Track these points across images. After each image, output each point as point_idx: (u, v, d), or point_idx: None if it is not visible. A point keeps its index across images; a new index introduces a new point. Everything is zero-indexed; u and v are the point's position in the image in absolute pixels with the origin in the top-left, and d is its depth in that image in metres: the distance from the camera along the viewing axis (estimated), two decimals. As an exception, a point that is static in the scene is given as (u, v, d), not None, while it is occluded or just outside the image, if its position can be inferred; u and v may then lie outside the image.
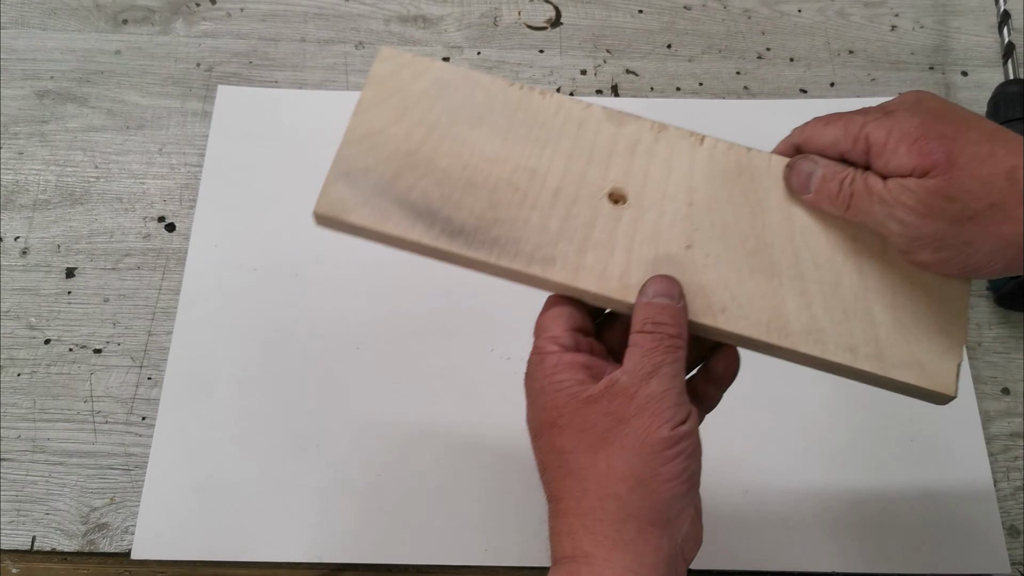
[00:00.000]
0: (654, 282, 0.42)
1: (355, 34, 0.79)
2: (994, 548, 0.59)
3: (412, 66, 0.48)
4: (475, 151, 0.46)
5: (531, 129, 0.47)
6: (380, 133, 0.46)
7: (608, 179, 0.46)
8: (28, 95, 0.74)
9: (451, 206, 0.44)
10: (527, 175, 0.45)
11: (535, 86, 0.48)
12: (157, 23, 0.78)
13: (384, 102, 0.47)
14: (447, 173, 0.45)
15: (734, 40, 0.80)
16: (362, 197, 0.44)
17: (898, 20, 0.81)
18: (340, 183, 0.44)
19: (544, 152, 0.46)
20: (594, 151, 0.46)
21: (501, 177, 0.45)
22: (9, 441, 0.61)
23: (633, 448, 0.39)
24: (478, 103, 0.47)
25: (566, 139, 0.47)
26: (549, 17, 0.80)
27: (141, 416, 0.62)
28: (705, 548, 0.58)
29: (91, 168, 0.71)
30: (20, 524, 0.58)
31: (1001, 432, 0.63)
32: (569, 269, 0.43)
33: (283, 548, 0.57)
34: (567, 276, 0.43)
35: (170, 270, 0.67)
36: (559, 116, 0.47)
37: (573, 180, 0.45)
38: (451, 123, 0.47)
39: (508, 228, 0.44)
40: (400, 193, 0.44)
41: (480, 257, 0.43)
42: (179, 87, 0.75)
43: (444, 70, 0.48)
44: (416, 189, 0.44)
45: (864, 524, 0.59)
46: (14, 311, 0.65)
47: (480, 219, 0.44)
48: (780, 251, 0.45)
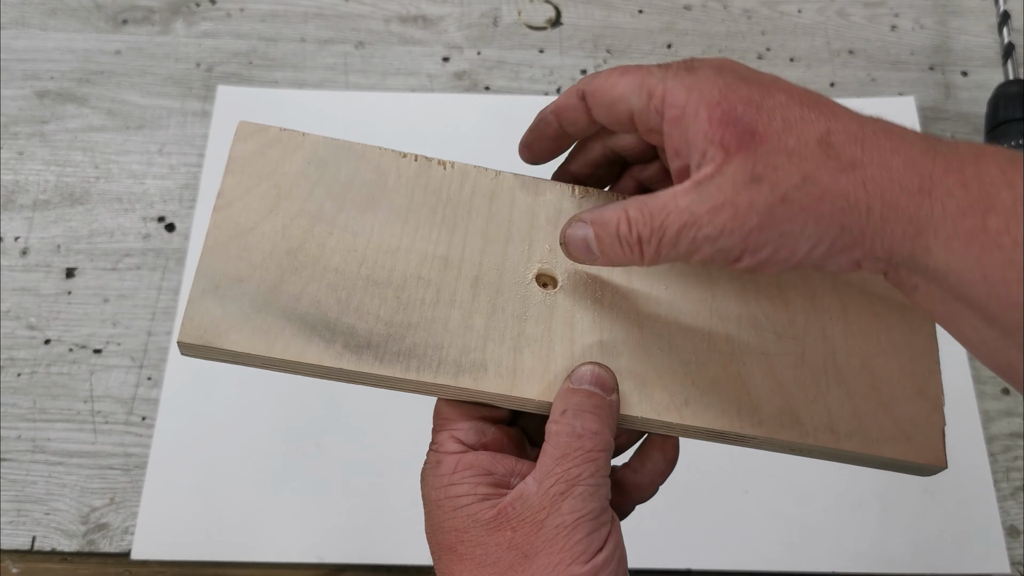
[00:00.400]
0: (583, 368, 0.36)
1: (355, 34, 0.79)
2: (994, 548, 0.59)
3: (280, 143, 0.40)
4: (371, 242, 0.38)
5: (435, 208, 0.39)
6: (251, 231, 0.38)
7: (533, 260, 0.39)
8: (28, 95, 0.74)
9: (351, 314, 0.36)
10: (439, 265, 0.38)
11: (432, 157, 0.40)
12: (157, 23, 0.78)
13: (251, 191, 0.39)
14: (341, 273, 0.37)
15: (734, 40, 0.80)
16: (239, 316, 0.35)
17: (898, 20, 0.81)
18: (208, 301, 0.36)
19: (455, 235, 0.39)
20: (512, 228, 0.39)
21: (408, 271, 0.38)
22: (9, 441, 0.61)
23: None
24: (368, 182, 0.39)
25: (478, 216, 0.40)
26: (549, 17, 0.81)
27: (141, 416, 0.62)
28: (705, 548, 0.58)
29: (91, 168, 0.71)
30: (20, 524, 0.58)
31: (1001, 432, 0.63)
32: (505, 375, 0.36)
33: (283, 548, 0.57)
34: (504, 385, 0.36)
35: (170, 270, 0.67)
36: (466, 189, 0.40)
37: (493, 266, 0.39)
38: (337, 210, 0.39)
39: (425, 333, 0.37)
40: (286, 304, 0.36)
41: (396, 374, 0.36)
42: (179, 87, 0.75)
43: (320, 144, 0.40)
44: (305, 297, 0.36)
45: (864, 524, 0.59)
46: (14, 311, 0.65)
47: (390, 325, 0.36)
48: (736, 324, 0.39)
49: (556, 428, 0.35)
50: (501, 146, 0.73)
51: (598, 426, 0.34)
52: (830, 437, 0.38)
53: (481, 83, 0.76)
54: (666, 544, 0.58)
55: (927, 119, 0.75)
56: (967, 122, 0.75)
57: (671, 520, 0.59)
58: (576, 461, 0.34)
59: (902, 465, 0.39)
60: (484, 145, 0.72)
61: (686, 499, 0.59)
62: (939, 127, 0.75)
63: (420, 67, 0.77)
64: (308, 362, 0.35)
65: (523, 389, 0.36)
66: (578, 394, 0.35)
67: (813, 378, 0.38)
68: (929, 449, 0.39)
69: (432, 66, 0.77)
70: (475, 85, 0.76)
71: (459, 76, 0.77)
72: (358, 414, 0.62)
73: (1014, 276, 0.28)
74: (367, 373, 0.36)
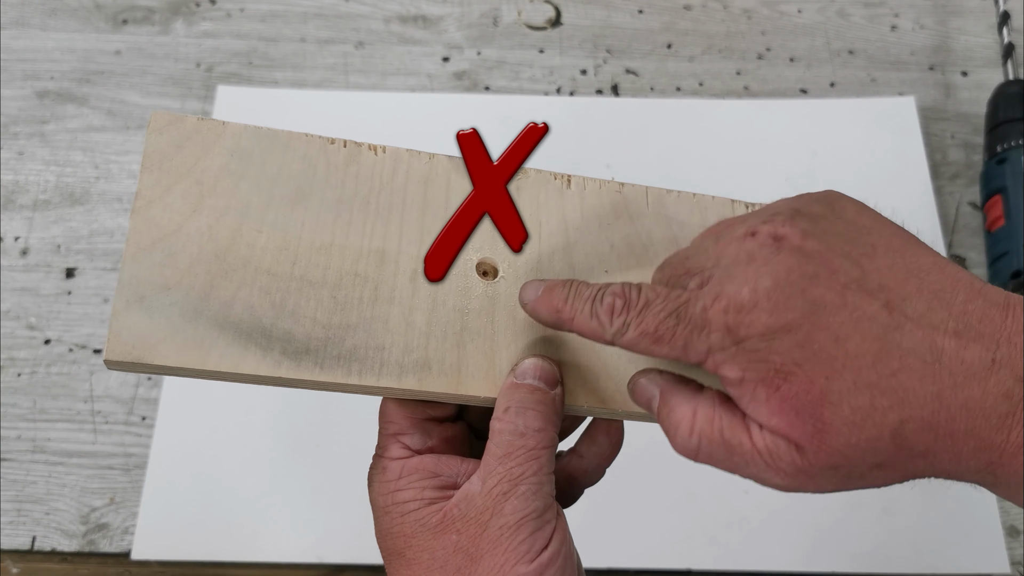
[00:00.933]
0: (527, 362, 0.35)
1: (355, 34, 0.79)
2: (993, 548, 0.59)
3: (200, 134, 0.37)
4: (303, 238, 0.36)
5: (368, 198, 0.37)
6: (175, 234, 0.35)
7: (471, 249, 0.37)
8: (28, 95, 0.74)
9: (287, 318, 0.34)
10: (375, 260, 0.36)
11: (361, 143, 0.38)
12: (157, 23, 0.78)
13: (171, 189, 0.35)
14: (273, 275, 0.35)
15: (734, 40, 0.80)
16: (168, 327, 0.33)
17: (898, 20, 0.81)
18: (134, 313, 0.33)
19: (390, 226, 0.37)
20: (449, 215, 0.36)
21: (343, 268, 0.36)
22: (9, 441, 0.61)
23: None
24: (295, 173, 0.37)
25: (413, 205, 0.37)
26: (549, 17, 0.81)
27: (141, 416, 0.62)
28: (706, 548, 0.58)
29: (91, 168, 0.71)
30: (20, 524, 0.58)
31: (1001, 432, 0.63)
32: (449, 373, 0.35)
33: (283, 548, 0.57)
34: (449, 383, 0.35)
35: (170, 270, 0.67)
36: (399, 175, 0.38)
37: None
38: (265, 205, 0.36)
39: (365, 334, 0.35)
40: (218, 312, 0.34)
41: (338, 379, 0.34)
42: (179, 87, 0.75)
43: (242, 134, 0.37)
44: (237, 303, 0.34)
45: (864, 524, 0.59)
46: (14, 311, 0.65)
47: (328, 328, 0.34)
48: None
49: (499, 426, 0.34)
50: (501, 146, 0.73)
51: (541, 423, 0.34)
52: None
53: (481, 83, 0.76)
54: (666, 544, 0.58)
55: (927, 119, 0.75)
56: (967, 122, 0.75)
57: (671, 520, 0.59)
58: (519, 460, 0.34)
59: None
60: (484, 145, 0.72)
61: (686, 499, 0.60)
62: (939, 127, 0.75)
63: (420, 67, 0.77)
64: (245, 372, 0.33)
65: (468, 387, 0.35)
66: (521, 389, 0.35)
67: None
68: None
69: (432, 66, 0.77)
70: (475, 85, 0.76)
71: (459, 76, 0.77)
72: (358, 414, 0.62)
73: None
74: (307, 380, 0.34)
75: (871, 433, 0.28)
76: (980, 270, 0.69)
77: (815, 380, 0.29)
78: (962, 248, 0.71)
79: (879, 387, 0.28)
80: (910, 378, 0.28)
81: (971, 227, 0.71)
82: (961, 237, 0.71)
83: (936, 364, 0.28)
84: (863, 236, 0.31)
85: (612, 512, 0.59)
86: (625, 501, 0.59)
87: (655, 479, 0.60)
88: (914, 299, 0.29)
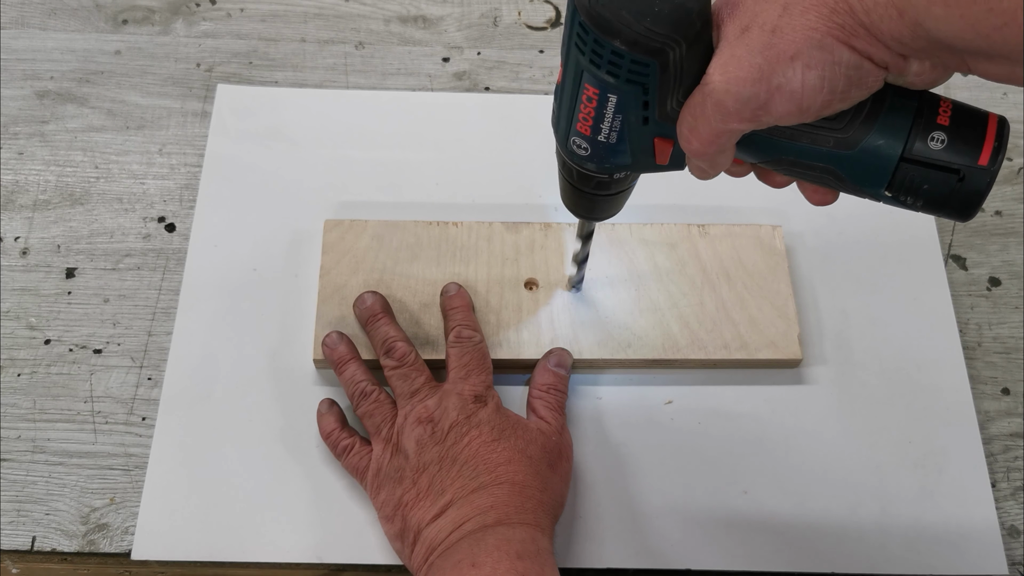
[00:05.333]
0: (555, 353, 0.60)
1: (355, 34, 0.79)
2: (992, 548, 0.59)
3: (353, 229, 0.64)
4: (419, 280, 0.62)
5: (454, 253, 0.63)
6: (344, 287, 0.62)
7: (521, 274, 0.63)
8: (28, 95, 0.74)
9: (414, 325, 0.61)
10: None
11: (447, 221, 0.64)
12: (157, 23, 0.78)
13: (339, 263, 0.62)
14: (402, 301, 0.61)
15: (734, 40, 0.79)
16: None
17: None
18: (327, 331, 0.60)
19: (469, 267, 0.63)
20: (504, 255, 0.63)
21: None
22: (9, 441, 0.61)
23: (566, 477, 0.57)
24: (410, 244, 0.63)
25: (482, 253, 0.63)
26: (549, 17, 0.81)
27: (141, 416, 0.62)
28: (706, 548, 0.58)
29: (91, 168, 0.71)
30: (20, 524, 0.58)
31: (1001, 432, 0.63)
32: (513, 346, 0.61)
33: (283, 548, 0.57)
34: (513, 352, 0.61)
35: (170, 270, 0.67)
36: (472, 237, 0.64)
37: (496, 281, 0.62)
38: (395, 264, 0.62)
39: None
40: None
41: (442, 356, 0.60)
42: (179, 87, 0.75)
43: (378, 227, 0.64)
44: None
45: (863, 525, 0.59)
46: (14, 311, 0.65)
47: (438, 330, 0.61)
48: (656, 291, 0.63)
49: (542, 391, 0.59)
50: (501, 146, 0.73)
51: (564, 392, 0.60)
52: (725, 352, 0.61)
53: (481, 83, 0.76)
54: (666, 544, 0.58)
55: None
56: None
57: (671, 520, 0.59)
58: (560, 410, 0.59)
59: (774, 363, 0.62)
60: (484, 145, 0.72)
61: (686, 499, 0.60)
62: (939, 127, 0.75)
63: (420, 67, 0.77)
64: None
65: (526, 353, 0.61)
66: (554, 375, 0.60)
67: (711, 319, 0.62)
68: (789, 350, 0.61)
69: (432, 66, 0.77)
70: (475, 85, 0.76)
71: (459, 76, 0.77)
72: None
73: (997, 22, 0.31)
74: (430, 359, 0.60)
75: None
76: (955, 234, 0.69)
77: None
78: (962, 248, 0.71)
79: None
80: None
81: (971, 226, 0.71)
82: (961, 237, 0.71)
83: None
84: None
85: (612, 512, 0.59)
86: (625, 501, 0.59)
87: (655, 479, 0.60)
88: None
